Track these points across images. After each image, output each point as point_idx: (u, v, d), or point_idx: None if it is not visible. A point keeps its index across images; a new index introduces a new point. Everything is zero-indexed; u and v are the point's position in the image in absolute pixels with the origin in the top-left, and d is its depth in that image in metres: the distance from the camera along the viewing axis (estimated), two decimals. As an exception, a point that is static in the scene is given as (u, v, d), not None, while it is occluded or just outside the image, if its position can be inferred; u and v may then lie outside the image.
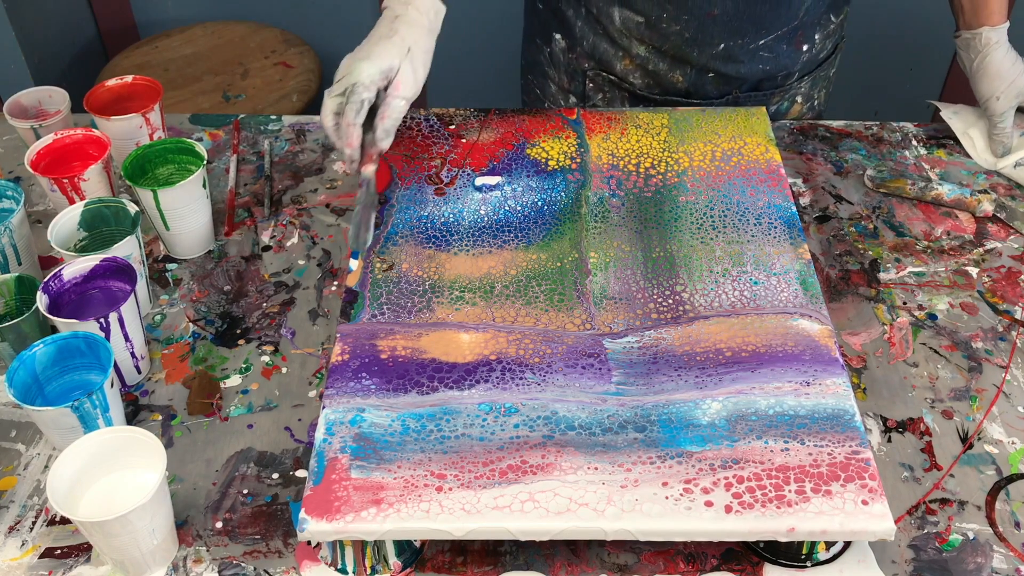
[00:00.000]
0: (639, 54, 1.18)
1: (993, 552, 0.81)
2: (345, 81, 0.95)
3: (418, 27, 0.99)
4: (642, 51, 1.18)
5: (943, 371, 0.95)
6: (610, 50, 1.20)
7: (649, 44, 1.17)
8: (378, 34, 0.98)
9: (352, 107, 0.94)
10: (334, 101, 0.95)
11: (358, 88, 0.94)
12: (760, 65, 1.18)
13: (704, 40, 1.15)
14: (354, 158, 0.95)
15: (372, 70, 0.94)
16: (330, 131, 0.96)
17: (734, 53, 1.16)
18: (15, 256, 1.00)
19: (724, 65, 1.17)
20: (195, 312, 1.02)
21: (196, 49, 2.16)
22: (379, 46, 0.96)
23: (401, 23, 0.98)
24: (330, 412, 0.82)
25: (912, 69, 2.35)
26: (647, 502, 0.75)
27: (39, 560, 0.81)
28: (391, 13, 1.00)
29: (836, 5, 1.19)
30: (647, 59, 1.18)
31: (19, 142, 1.24)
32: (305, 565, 0.81)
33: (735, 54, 1.16)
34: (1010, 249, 1.08)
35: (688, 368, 0.85)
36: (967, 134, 1.20)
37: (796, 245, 0.97)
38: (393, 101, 0.96)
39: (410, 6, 1.00)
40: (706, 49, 1.16)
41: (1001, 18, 1.13)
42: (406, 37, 0.97)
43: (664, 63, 1.18)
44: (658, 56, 1.18)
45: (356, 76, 0.94)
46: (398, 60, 0.96)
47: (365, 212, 0.94)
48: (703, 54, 1.16)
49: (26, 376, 0.85)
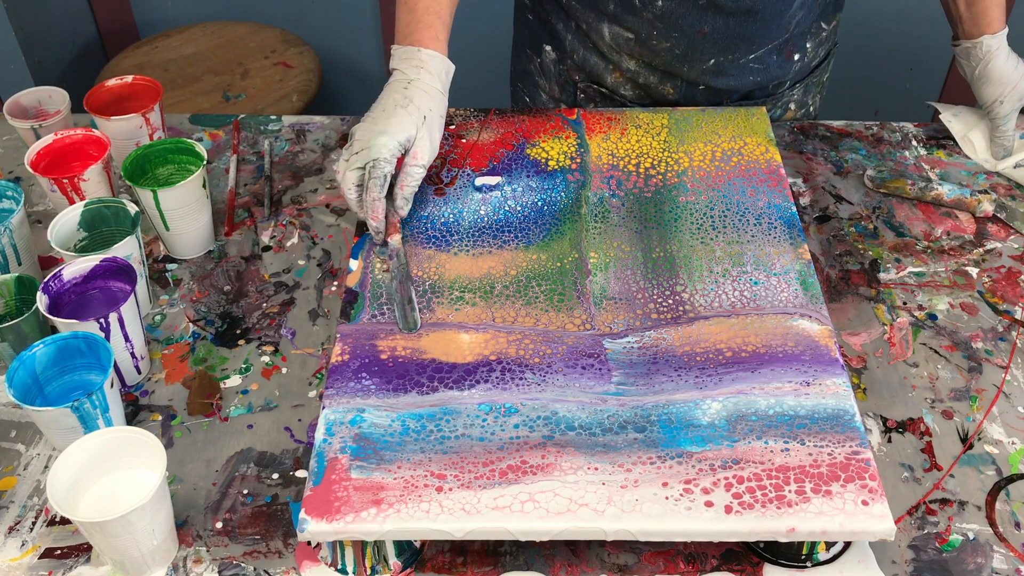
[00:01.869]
0: (629, 68, 1.18)
1: (993, 552, 0.81)
2: (365, 155, 0.95)
3: (432, 92, 0.99)
4: (632, 65, 1.18)
5: (943, 371, 0.95)
6: (600, 64, 1.20)
7: (639, 59, 1.17)
8: (392, 101, 0.98)
9: (375, 182, 0.94)
10: (355, 174, 0.96)
11: (380, 164, 0.94)
12: (751, 77, 1.18)
13: (694, 56, 1.15)
14: (380, 230, 0.96)
15: (392, 144, 0.95)
16: (352, 203, 0.97)
17: (724, 68, 1.16)
18: (15, 256, 1.00)
19: (714, 79, 1.17)
20: (195, 312, 1.02)
21: (196, 49, 2.16)
22: (395, 117, 0.96)
23: (415, 90, 0.98)
24: (330, 412, 0.82)
25: (912, 69, 2.35)
26: (647, 502, 0.75)
27: (39, 560, 0.81)
28: (403, 77, 1.00)
29: (827, 13, 1.19)
30: (637, 73, 1.19)
31: (19, 142, 1.24)
32: (305, 565, 0.81)
33: (725, 69, 1.16)
34: (1010, 249, 1.08)
35: (688, 368, 0.85)
36: (967, 138, 1.20)
37: (796, 245, 0.97)
38: (411, 169, 0.97)
39: (422, 70, 1.00)
40: (696, 65, 1.16)
41: (1000, 25, 1.13)
42: (421, 105, 0.98)
43: (654, 77, 1.18)
44: (648, 71, 1.18)
45: (377, 151, 0.94)
46: (415, 129, 0.97)
47: (403, 287, 0.92)
48: (693, 69, 1.16)
49: (26, 376, 0.85)
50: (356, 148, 0.96)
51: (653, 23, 1.12)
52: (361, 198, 0.96)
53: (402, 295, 0.92)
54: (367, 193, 0.95)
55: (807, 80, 1.24)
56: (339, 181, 0.98)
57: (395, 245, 0.96)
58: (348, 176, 0.96)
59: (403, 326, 0.89)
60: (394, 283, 0.93)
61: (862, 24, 2.20)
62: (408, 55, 1.01)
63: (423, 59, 1.00)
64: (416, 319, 0.90)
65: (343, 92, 2.49)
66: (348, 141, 0.98)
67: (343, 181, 0.97)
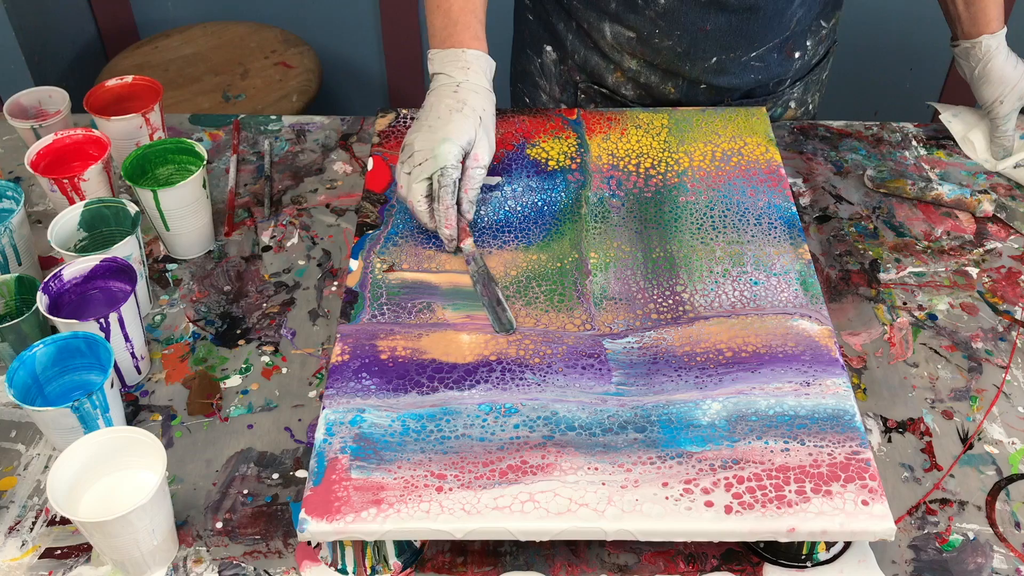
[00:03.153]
0: (631, 67, 1.18)
1: (993, 552, 0.81)
2: (431, 165, 0.93)
3: (482, 92, 0.99)
4: (633, 64, 1.18)
5: (943, 371, 0.95)
6: (601, 63, 1.19)
7: (641, 58, 1.17)
8: (445, 107, 0.96)
9: (447, 190, 0.93)
10: (423, 185, 0.94)
11: (447, 171, 0.93)
12: (752, 75, 1.18)
13: (696, 55, 1.15)
14: (453, 237, 0.95)
15: (455, 150, 0.94)
16: (423, 215, 0.95)
17: (726, 66, 1.16)
18: (15, 256, 1.00)
19: (716, 77, 1.17)
20: (195, 312, 1.02)
21: (196, 49, 2.16)
22: (453, 122, 0.95)
23: (466, 92, 0.98)
24: (330, 412, 0.82)
25: (912, 69, 2.35)
26: (647, 502, 0.75)
27: (39, 560, 0.81)
28: (451, 81, 0.99)
29: (827, 12, 1.19)
30: (638, 72, 1.18)
31: (19, 142, 1.24)
32: (305, 565, 0.81)
33: (727, 67, 1.16)
34: (1010, 249, 1.08)
35: (688, 368, 0.85)
36: (967, 138, 1.20)
37: (796, 245, 0.97)
38: (474, 172, 0.96)
39: (469, 71, 0.99)
40: (698, 63, 1.16)
41: (999, 24, 1.13)
42: (475, 106, 0.97)
43: (656, 76, 1.18)
44: (649, 70, 1.18)
45: (443, 159, 0.93)
46: (473, 132, 0.96)
47: (488, 289, 0.92)
48: (695, 68, 1.16)
49: (26, 376, 0.85)
50: (419, 159, 0.94)
51: (655, 21, 1.12)
52: (431, 209, 0.95)
53: (489, 297, 0.91)
54: (439, 203, 0.93)
55: (807, 78, 1.24)
56: (402, 195, 0.96)
57: (470, 249, 0.95)
58: (415, 189, 0.94)
59: (498, 328, 0.89)
60: (477, 287, 0.92)
61: (862, 24, 2.20)
62: (452, 58, 1.00)
63: (468, 60, 0.99)
64: (510, 319, 0.89)
65: (343, 92, 2.49)
66: (404, 153, 0.96)
67: (410, 194, 0.95)
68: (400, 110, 1.15)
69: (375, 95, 2.50)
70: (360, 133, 1.26)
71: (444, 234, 0.95)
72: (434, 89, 0.99)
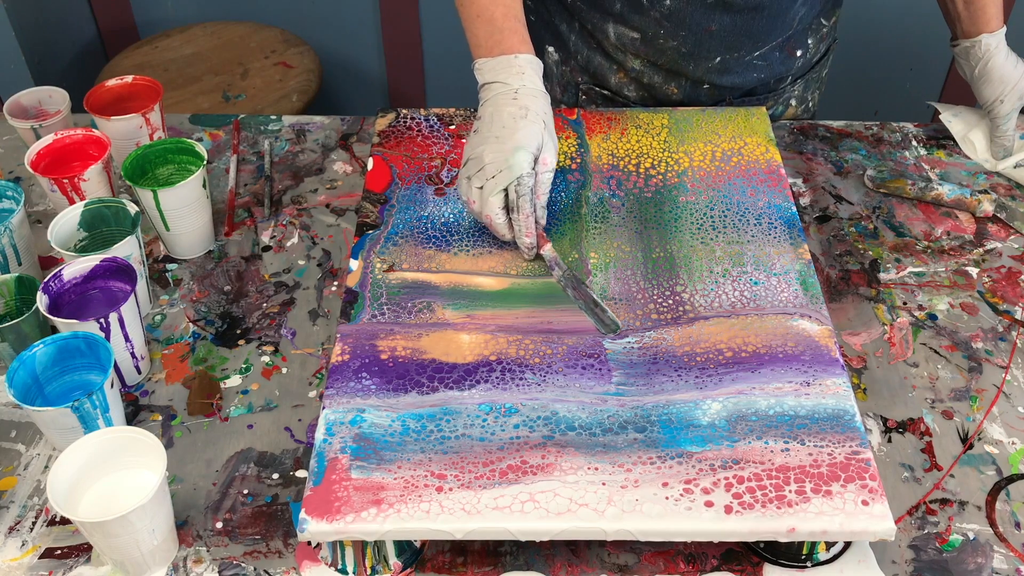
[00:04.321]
0: (634, 68, 1.18)
1: (993, 552, 0.81)
2: (507, 176, 0.92)
3: (539, 95, 0.98)
4: (637, 65, 1.18)
5: (943, 371, 0.95)
6: (604, 64, 1.19)
7: (644, 59, 1.17)
8: (509, 114, 0.95)
9: (525, 200, 0.92)
10: (499, 198, 0.93)
11: (524, 179, 0.92)
12: (755, 74, 1.18)
13: (701, 55, 1.15)
14: (533, 244, 0.94)
15: (528, 158, 0.93)
16: (501, 227, 0.94)
17: (729, 65, 1.16)
18: (15, 256, 1.00)
19: (719, 77, 1.17)
20: (195, 312, 1.02)
21: (196, 49, 2.16)
22: (521, 129, 0.94)
23: (526, 97, 0.97)
24: (330, 412, 0.82)
25: (912, 69, 2.35)
26: (647, 502, 0.75)
27: (39, 560, 0.81)
28: (508, 88, 0.97)
29: (827, 9, 1.19)
30: (642, 73, 1.18)
31: (19, 142, 1.24)
32: (305, 565, 0.81)
33: (730, 66, 1.16)
34: (1010, 249, 1.08)
35: (688, 368, 0.85)
36: (967, 138, 1.20)
37: (796, 245, 0.97)
38: (544, 176, 0.95)
39: (524, 75, 0.98)
40: (702, 63, 1.16)
41: (998, 23, 1.13)
42: (538, 110, 0.96)
43: (659, 76, 1.18)
44: (653, 70, 1.18)
45: (519, 168, 0.92)
46: (541, 136, 0.95)
47: (580, 292, 0.91)
48: (699, 68, 1.16)
49: (26, 376, 0.85)
50: (491, 172, 0.92)
51: (660, 22, 1.12)
52: (509, 220, 0.94)
53: (584, 300, 0.90)
54: (518, 212, 0.92)
55: (808, 75, 1.25)
56: (475, 211, 0.94)
57: (551, 254, 0.94)
58: (492, 202, 0.93)
59: (603, 330, 0.88)
60: (568, 291, 0.91)
61: (862, 24, 2.20)
62: (505, 65, 0.99)
63: (522, 65, 0.98)
64: (612, 318, 0.89)
65: (343, 92, 2.49)
66: (472, 167, 0.94)
67: (486, 208, 0.93)
68: (400, 110, 1.15)
69: (375, 95, 2.50)
70: (360, 133, 1.26)
71: (524, 243, 0.94)
72: (489, 98, 0.98)
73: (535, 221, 0.94)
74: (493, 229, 0.94)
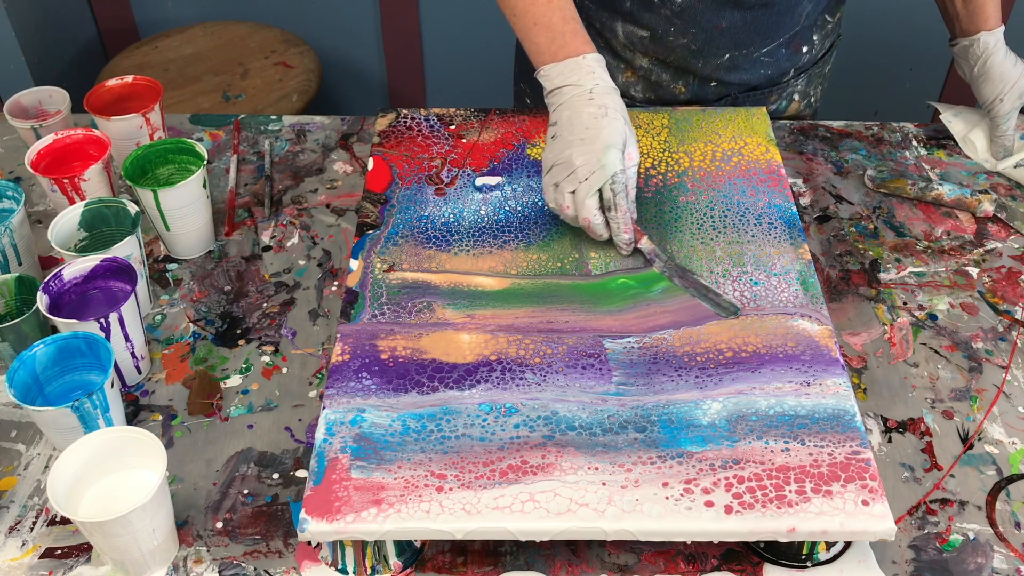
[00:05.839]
0: (642, 66, 1.18)
1: (993, 552, 0.81)
2: (601, 176, 0.92)
3: (612, 93, 0.97)
4: (645, 63, 1.18)
5: (943, 371, 0.95)
6: (612, 63, 1.19)
7: (653, 57, 1.17)
8: (589, 115, 0.94)
9: (621, 197, 0.92)
10: (595, 199, 0.93)
11: (618, 177, 0.92)
12: (761, 71, 1.18)
13: (710, 52, 1.15)
14: (632, 239, 0.94)
15: (619, 155, 0.92)
16: (599, 227, 0.94)
17: (737, 62, 1.16)
18: (15, 256, 1.00)
19: (727, 74, 1.17)
20: (195, 312, 1.02)
21: (196, 49, 2.16)
22: (606, 128, 0.93)
23: (602, 96, 0.96)
24: (330, 412, 0.82)
25: (912, 69, 2.35)
26: (647, 502, 0.75)
27: (39, 560, 0.81)
28: (581, 90, 0.96)
29: (832, 6, 1.20)
30: (650, 71, 1.18)
31: (19, 142, 1.24)
32: (305, 565, 0.81)
33: (738, 63, 1.16)
34: (1010, 249, 1.08)
35: (688, 368, 0.85)
36: (967, 138, 1.20)
37: (796, 245, 0.97)
38: (631, 171, 0.95)
39: (595, 75, 0.97)
40: (711, 60, 1.16)
41: (997, 22, 1.13)
42: (615, 107, 0.96)
43: (667, 74, 1.18)
44: (661, 68, 1.18)
45: (612, 167, 0.92)
46: (624, 132, 0.94)
47: (688, 280, 0.92)
48: (708, 65, 1.16)
49: (26, 376, 0.85)
50: (583, 174, 0.92)
51: (671, 20, 1.12)
52: (606, 220, 0.94)
53: (695, 288, 0.91)
54: (616, 210, 0.92)
55: (811, 71, 1.25)
56: (569, 215, 0.94)
57: (648, 246, 0.94)
58: (589, 204, 0.92)
59: (724, 315, 0.89)
60: (675, 280, 0.92)
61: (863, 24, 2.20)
62: (574, 67, 0.98)
63: (591, 65, 0.98)
64: (730, 300, 0.89)
65: (343, 92, 2.49)
66: (561, 172, 0.94)
67: (583, 211, 0.93)
68: (400, 110, 1.15)
69: (375, 95, 2.50)
70: (360, 133, 1.26)
71: (623, 239, 0.94)
72: (563, 102, 0.97)
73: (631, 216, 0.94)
74: (591, 231, 0.94)
